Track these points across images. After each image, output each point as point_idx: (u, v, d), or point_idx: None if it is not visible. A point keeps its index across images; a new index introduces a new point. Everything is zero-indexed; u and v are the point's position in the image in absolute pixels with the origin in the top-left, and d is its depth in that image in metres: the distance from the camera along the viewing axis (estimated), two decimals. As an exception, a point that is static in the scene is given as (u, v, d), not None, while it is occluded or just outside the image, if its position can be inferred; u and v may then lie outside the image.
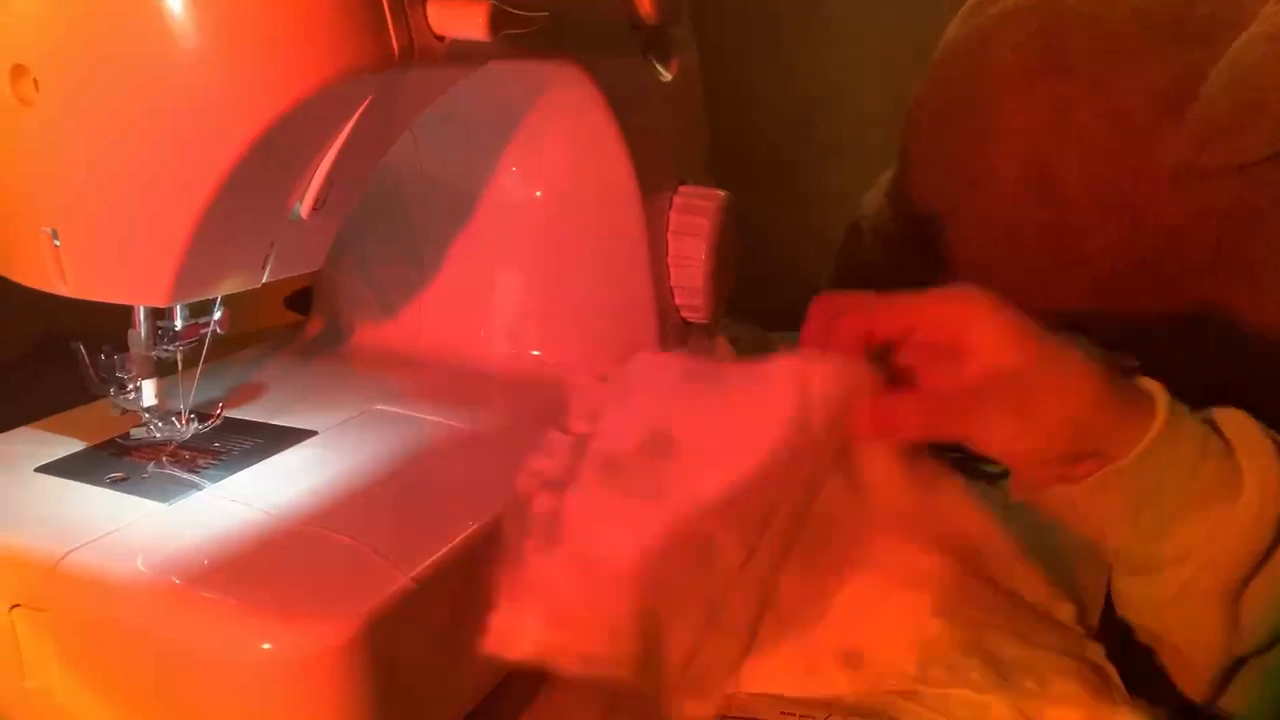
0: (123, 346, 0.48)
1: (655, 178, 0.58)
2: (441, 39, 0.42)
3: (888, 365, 0.47)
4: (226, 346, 0.58)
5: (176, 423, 0.50)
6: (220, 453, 0.50)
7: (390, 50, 0.40)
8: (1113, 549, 0.46)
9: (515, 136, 0.57)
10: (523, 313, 0.61)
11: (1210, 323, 0.62)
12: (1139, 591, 0.47)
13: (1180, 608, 0.45)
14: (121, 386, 0.49)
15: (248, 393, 0.57)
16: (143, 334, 0.48)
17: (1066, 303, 0.76)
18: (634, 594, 0.41)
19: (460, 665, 0.44)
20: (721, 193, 0.61)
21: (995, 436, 0.44)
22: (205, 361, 0.49)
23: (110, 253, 0.42)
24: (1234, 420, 0.45)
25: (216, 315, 0.48)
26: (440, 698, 0.43)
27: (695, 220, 0.59)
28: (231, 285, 0.44)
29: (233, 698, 0.38)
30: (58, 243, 0.41)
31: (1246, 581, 0.43)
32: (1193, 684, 0.47)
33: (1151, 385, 0.45)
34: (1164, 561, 0.44)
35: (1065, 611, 0.46)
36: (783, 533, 0.45)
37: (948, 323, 0.45)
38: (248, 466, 0.48)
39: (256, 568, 0.40)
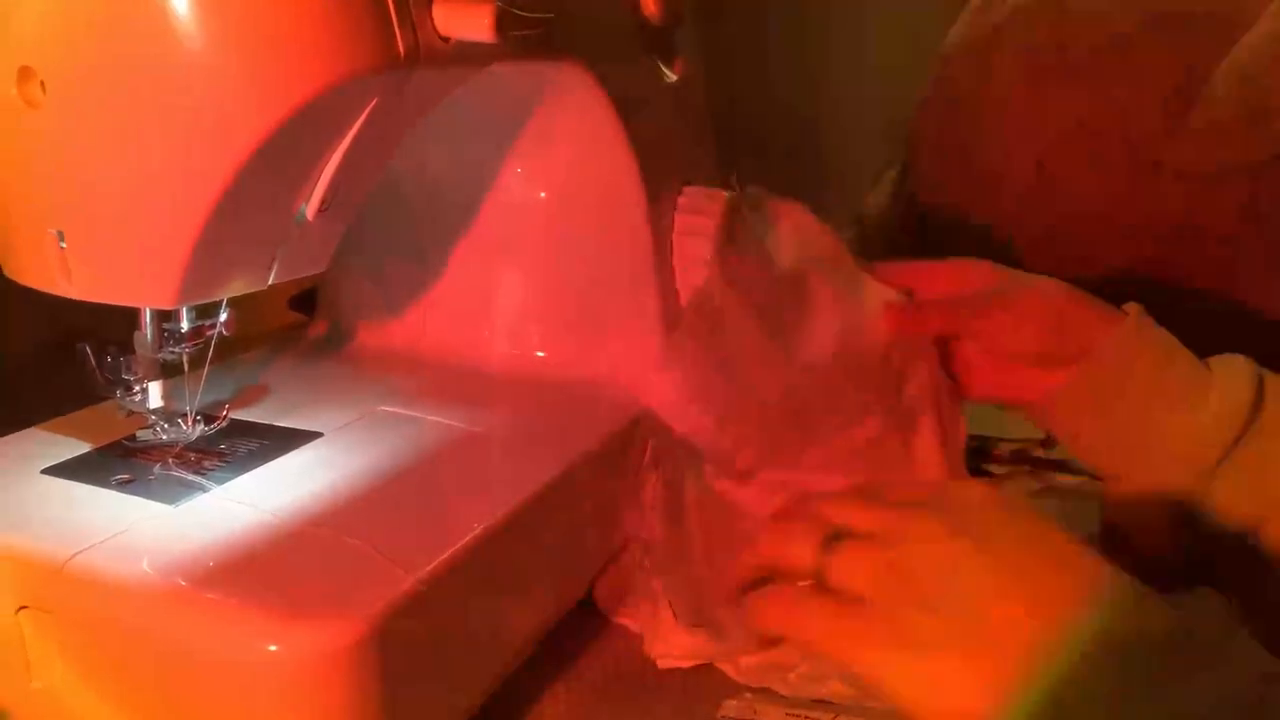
0: (129, 348, 0.48)
1: (660, 178, 0.58)
2: (447, 40, 0.42)
3: None
4: (232, 348, 0.58)
5: (182, 424, 0.50)
6: (226, 454, 0.50)
7: (396, 52, 0.40)
8: (1087, 452, 0.52)
9: (520, 137, 0.57)
10: (527, 314, 0.61)
11: (1220, 323, 0.62)
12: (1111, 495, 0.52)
13: (1140, 510, 0.50)
14: (127, 388, 0.49)
15: (253, 394, 0.57)
16: (149, 336, 0.48)
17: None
18: None
19: (466, 666, 0.44)
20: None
21: (993, 328, 0.53)
22: (211, 363, 0.49)
23: (116, 255, 0.42)
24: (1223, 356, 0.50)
25: (222, 317, 0.48)
26: (446, 698, 0.43)
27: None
28: (238, 287, 0.44)
29: (239, 699, 0.38)
30: (64, 245, 0.41)
31: (1213, 472, 0.47)
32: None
33: (1129, 305, 0.51)
34: (1133, 462, 0.50)
35: None
36: None
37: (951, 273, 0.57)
38: (253, 468, 0.48)
39: (263, 569, 0.40)
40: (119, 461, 0.49)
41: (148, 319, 0.48)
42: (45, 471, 0.48)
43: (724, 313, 0.57)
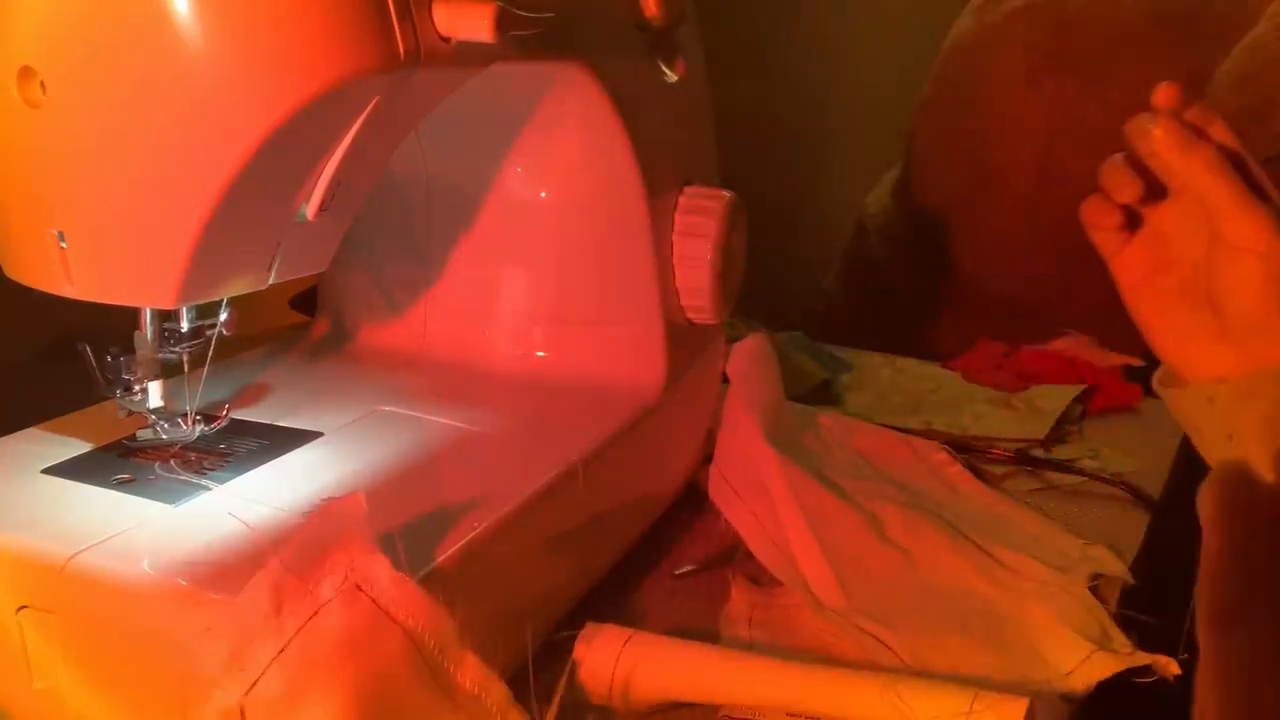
0: (129, 348, 0.48)
1: (661, 179, 0.58)
2: (447, 40, 0.42)
3: None
4: (232, 348, 0.58)
5: (182, 424, 0.50)
6: (226, 454, 0.50)
7: (396, 52, 0.40)
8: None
9: (521, 138, 0.57)
10: (528, 314, 0.61)
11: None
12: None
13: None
14: (128, 388, 0.49)
15: (253, 394, 0.57)
16: (149, 335, 0.48)
17: (1077, 301, 0.75)
18: None
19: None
20: (728, 193, 0.61)
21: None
22: (211, 363, 0.49)
23: (117, 255, 0.42)
24: None
25: (223, 317, 0.48)
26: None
27: (701, 221, 0.59)
28: (238, 287, 0.44)
29: (239, 699, 0.38)
30: (64, 245, 0.41)
31: None
32: None
33: None
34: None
35: None
36: None
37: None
38: (254, 468, 0.48)
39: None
40: (119, 461, 0.49)
41: (148, 319, 0.48)
42: (45, 471, 0.48)
43: None
